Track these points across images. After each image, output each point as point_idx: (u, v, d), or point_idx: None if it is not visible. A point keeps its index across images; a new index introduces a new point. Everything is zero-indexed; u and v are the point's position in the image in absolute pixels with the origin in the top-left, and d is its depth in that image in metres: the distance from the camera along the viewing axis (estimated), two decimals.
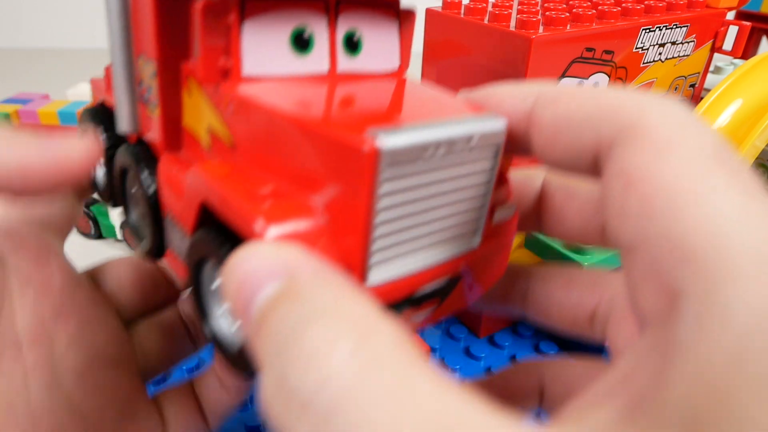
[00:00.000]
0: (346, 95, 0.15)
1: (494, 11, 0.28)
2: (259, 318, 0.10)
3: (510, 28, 0.27)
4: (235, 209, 0.13)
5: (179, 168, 0.16)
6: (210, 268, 0.15)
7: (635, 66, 0.31)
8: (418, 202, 0.13)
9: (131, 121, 0.18)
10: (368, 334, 0.09)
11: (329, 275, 0.10)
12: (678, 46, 0.32)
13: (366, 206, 0.12)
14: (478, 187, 0.14)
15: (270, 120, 0.13)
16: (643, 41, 0.30)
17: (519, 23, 0.27)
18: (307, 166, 0.13)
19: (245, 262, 0.11)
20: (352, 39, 0.16)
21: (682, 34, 0.32)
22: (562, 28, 0.27)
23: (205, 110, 0.15)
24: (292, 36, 0.15)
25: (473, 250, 0.15)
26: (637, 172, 0.10)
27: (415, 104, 0.15)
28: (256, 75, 0.15)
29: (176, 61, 0.16)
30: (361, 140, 0.11)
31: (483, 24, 0.28)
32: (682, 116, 0.11)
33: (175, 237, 0.17)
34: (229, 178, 0.14)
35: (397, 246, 0.13)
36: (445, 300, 0.15)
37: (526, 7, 0.29)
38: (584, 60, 0.28)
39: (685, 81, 0.34)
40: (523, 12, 0.28)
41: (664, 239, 0.10)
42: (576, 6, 0.30)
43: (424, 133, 0.12)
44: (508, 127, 0.13)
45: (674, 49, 0.32)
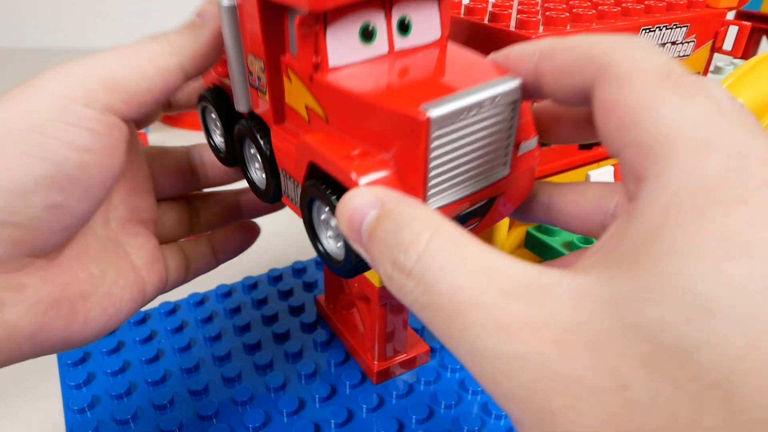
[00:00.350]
0: (402, 68, 0.20)
1: (494, 11, 0.28)
2: (369, 234, 0.16)
3: (510, 28, 0.27)
4: (336, 167, 0.18)
5: (287, 136, 0.22)
6: (318, 206, 0.21)
7: None
8: (459, 150, 0.18)
9: (246, 102, 0.23)
10: (437, 227, 0.15)
11: (405, 199, 0.16)
12: (678, 46, 0.32)
13: (423, 157, 0.17)
14: (503, 131, 0.19)
15: (352, 100, 0.18)
16: None
17: (519, 23, 0.27)
18: (380, 131, 0.18)
19: (351, 201, 0.16)
20: (404, 23, 0.21)
21: (682, 34, 0.32)
22: (562, 28, 0.27)
23: (303, 92, 0.21)
24: (360, 31, 0.20)
25: (504, 178, 0.20)
26: (611, 101, 0.14)
27: (453, 71, 0.20)
28: (338, 65, 0.20)
29: (276, 57, 0.21)
30: (417, 112, 0.16)
31: (483, 24, 0.28)
32: (640, 52, 0.15)
33: (288, 186, 0.23)
34: (329, 144, 0.19)
35: (445, 182, 0.18)
36: (485, 216, 0.21)
37: (526, 7, 0.29)
38: None
39: None
40: (523, 12, 0.28)
41: (633, 144, 0.14)
42: (576, 6, 0.30)
43: (460, 101, 0.17)
44: (522, 80, 0.18)
45: (674, 49, 0.32)
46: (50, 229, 0.20)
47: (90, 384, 0.33)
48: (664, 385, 0.11)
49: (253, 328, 0.38)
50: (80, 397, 0.31)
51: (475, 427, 0.30)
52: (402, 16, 0.21)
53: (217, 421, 0.31)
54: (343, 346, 0.36)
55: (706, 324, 0.11)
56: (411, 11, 0.21)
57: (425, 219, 0.15)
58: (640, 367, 0.11)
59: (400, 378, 0.33)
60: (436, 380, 0.33)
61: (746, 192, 0.12)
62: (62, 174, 0.19)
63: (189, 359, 0.34)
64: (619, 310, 0.12)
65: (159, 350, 0.35)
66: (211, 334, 0.36)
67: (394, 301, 0.30)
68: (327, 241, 0.21)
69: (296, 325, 0.38)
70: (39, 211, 0.19)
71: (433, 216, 0.15)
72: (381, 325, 0.31)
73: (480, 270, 0.13)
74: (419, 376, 0.33)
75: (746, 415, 0.10)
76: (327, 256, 0.21)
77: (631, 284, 0.12)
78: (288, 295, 0.41)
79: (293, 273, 0.43)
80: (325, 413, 0.31)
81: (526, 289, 0.13)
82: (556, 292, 0.13)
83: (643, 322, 0.12)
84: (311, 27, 0.19)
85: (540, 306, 0.13)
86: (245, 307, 0.40)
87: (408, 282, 0.14)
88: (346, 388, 0.33)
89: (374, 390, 0.32)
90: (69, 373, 0.33)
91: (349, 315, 0.36)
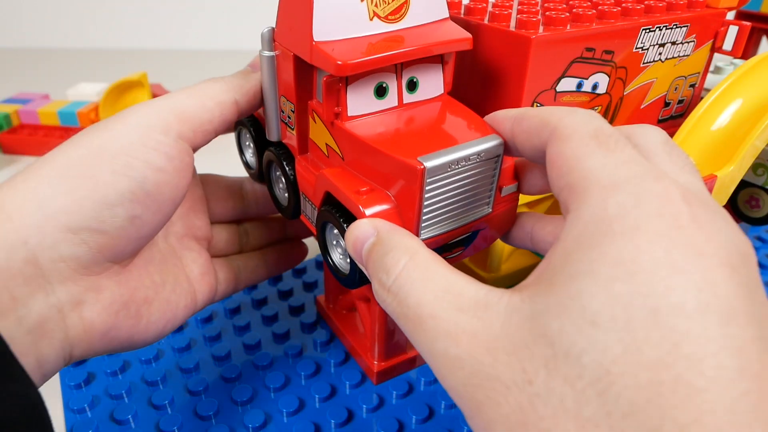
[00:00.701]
0: (408, 119, 0.24)
1: (494, 11, 0.28)
2: (366, 256, 0.20)
3: (510, 28, 0.27)
4: (348, 199, 0.22)
5: (309, 166, 0.27)
6: (330, 228, 0.25)
7: (635, 66, 0.31)
8: (448, 192, 0.22)
9: (277, 134, 0.28)
10: (414, 254, 0.19)
11: (395, 229, 0.20)
12: (678, 46, 0.32)
13: (418, 197, 0.21)
14: (487, 179, 0.23)
15: (365, 146, 0.23)
16: (643, 41, 0.30)
17: (519, 23, 0.27)
18: (385, 173, 0.22)
19: (355, 230, 0.21)
20: (412, 82, 0.25)
21: (682, 34, 0.32)
22: (562, 28, 0.27)
23: (324, 133, 0.25)
24: (375, 89, 0.24)
25: (488, 214, 0.24)
26: (554, 154, 0.18)
27: (449, 126, 0.24)
28: (355, 115, 0.24)
29: (305, 102, 0.26)
30: (416, 162, 0.20)
31: (483, 24, 0.28)
32: (581, 118, 0.18)
33: (306, 208, 0.28)
34: (343, 179, 0.23)
35: (436, 218, 0.22)
36: (469, 246, 0.24)
37: (526, 7, 0.29)
38: (584, 60, 0.28)
39: (685, 81, 0.34)
40: (523, 12, 0.28)
41: (566, 187, 0.17)
42: (576, 6, 0.30)
43: (451, 155, 0.21)
44: (503, 139, 0.22)
45: (674, 49, 0.32)
46: (129, 238, 0.23)
47: (90, 384, 0.33)
48: (558, 381, 0.14)
49: (253, 328, 0.38)
50: (80, 397, 0.31)
51: None
52: (411, 77, 0.25)
53: (217, 421, 0.31)
54: (343, 346, 0.36)
55: (592, 334, 0.14)
56: (419, 73, 0.25)
57: (406, 246, 0.19)
58: (542, 368, 0.14)
59: (400, 378, 0.33)
60: (436, 380, 0.33)
61: (638, 222, 0.15)
62: (142, 190, 0.23)
63: (189, 359, 0.34)
64: (533, 322, 0.15)
65: (159, 350, 0.35)
66: (211, 334, 0.36)
67: None
68: (336, 256, 0.25)
69: (296, 325, 0.38)
70: (122, 221, 0.22)
71: (413, 244, 0.19)
72: (381, 325, 0.31)
73: (441, 289, 0.17)
74: (419, 376, 0.33)
75: (616, 407, 0.13)
76: (335, 268, 0.25)
77: (545, 301, 0.15)
78: (288, 295, 0.41)
79: (293, 273, 0.43)
80: (325, 413, 0.31)
81: (473, 305, 0.16)
82: (495, 308, 0.16)
83: (548, 332, 0.14)
84: (335, 85, 0.23)
85: (480, 319, 0.16)
86: (245, 307, 0.40)
87: (387, 296, 0.18)
88: (346, 388, 0.33)
89: (374, 390, 0.32)
90: (69, 373, 0.33)
91: (349, 315, 0.36)
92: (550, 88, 0.28)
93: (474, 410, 0.15)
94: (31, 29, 1.17)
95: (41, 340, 0.21)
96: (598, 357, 0.13)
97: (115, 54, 1.11)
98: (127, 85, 0.67)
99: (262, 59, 0.26)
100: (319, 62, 0.22)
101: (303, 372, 0.33)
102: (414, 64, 0.24)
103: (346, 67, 0.21)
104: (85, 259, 0.22)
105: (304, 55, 0.23)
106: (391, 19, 0.24)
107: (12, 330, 0.20)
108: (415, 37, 0.24)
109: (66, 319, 0.22)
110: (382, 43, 0.23)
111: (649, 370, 0.13)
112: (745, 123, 0.32)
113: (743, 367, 0.13)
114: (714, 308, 0.13)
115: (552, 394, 0.14)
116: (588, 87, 0.29)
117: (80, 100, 0.70)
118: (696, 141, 0.33)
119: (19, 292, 0.20)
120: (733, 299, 0.13)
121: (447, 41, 0.24)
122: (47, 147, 0.66)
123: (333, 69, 0.22)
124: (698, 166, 0.32)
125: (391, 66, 0.24)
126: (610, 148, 0.17)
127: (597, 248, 0.15)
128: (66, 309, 0.22)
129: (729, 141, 0.32)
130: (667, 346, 0.13)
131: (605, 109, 0.31)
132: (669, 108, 0.35)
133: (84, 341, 0.23)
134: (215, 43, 1.14)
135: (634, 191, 0.15)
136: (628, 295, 0.14)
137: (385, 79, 0.24)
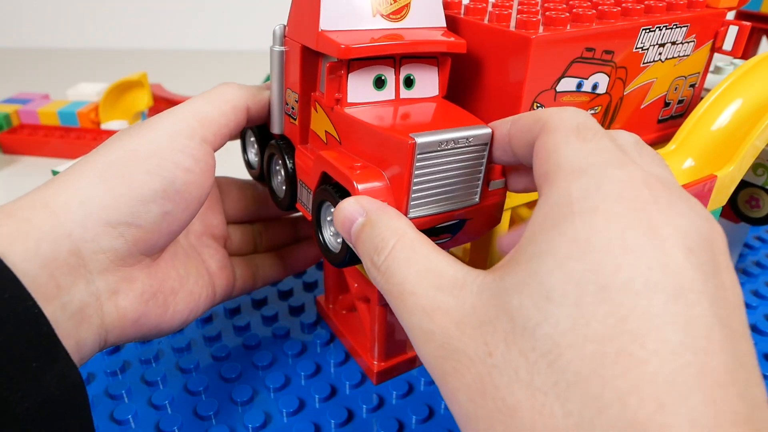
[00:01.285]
0: (403, 112, 0.26)
1: (494, 11, 0.28)
2: (355, 237, 0.21)
3: (510, 28, 0.27)
4: (342, 175, 0.23)
5: (307, 155, 0.28)
6: (326, 206, 0.26)
7: (635, 66, 0.31)
8: (437, 173, 0.22)
9: (280, 126, 0.29)
10: (402, 235, 0.20)
11: (384, 208, 0.21)
12: (678, 46, 0.32)
13: (408, 172, 0.22)
14: (475, 166, 0.23)
15: (362, 127, 0.24)
16: (643, 41, 0.30)
17: (519, 23, 0.27)
18: (379, 152, 0.23)
19: (343, 209, 0.22)
20: (409, 79, 0.26)
21: (682, 34, 0.32)
22: (562, 28, 0.27)
23: (324, 120, 0.26)
24: (374, 80, 0.25)
25: (474, 205, 0.24)
26: (540, 146, 0.19)
27: (442, 117, 0.26)
28: (354, 102, 0.25)
29: (308, 93, 0.27)
30: (407, 138, 0.21)
31: (483, 24, 0.28)
32: (567, 114, 0.19)
33: (302, 194, 0.29)
34: (339, 159, 0.24)
35: (425, 198, 0.23)
36: (456, 234, 0.25)
37: (526, 7, 0.29)
38: (584, 60, 0.28)
39: (685, 81, 0.34)
40: (523, 12, 0.28)
41: (542, 174, 0.18)
42: (576, 6, 0.30)
43: (441, 135, 0.22)
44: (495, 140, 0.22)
45: (674, 49, 0.32)
46: (161, 232, 0.25)
47: (90, 384, 0.33)
48: (514, 353, 0.15)
49: (253, 328, 0.38)
50: None
51: None
52: (408, 74, 0.26)
53: (217, 421, 0.31)
54: (343, 346, 0.36)
55: (547, 308, 0.15)
56: (415, 71, 0.26)
57: (395, 228, 0.20)
58: (502, 341, 0.15)
59: (400, 378, 0.33)
60: None
61: (597, 204, 0.15)
62: (173, 188, 0.25)
63: (189, 359, 0.34)
64: (498, 299, 0.16)
65: (159, 350, 0.35)
66: (211, 334, 0.36)
67: None
68: (329, 236, 0.26)
69: (296, 325, 0.38)
70: (155, 217, 0.25)
71: (401, 224, 0.20)
72: (381, 325, 0.31)
73: (423, 269, 0.18)
74: (419, 376, 0.33)
75: (563, 377, 0.14)
76: (326, 248, 0.26)
77: (510, 279, 0.16)
78: (288, 295, 0.41)
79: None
80: (325, 413, 0.31)
81: (451, 284, 0.18)
82: (469, 287, 0.17)
83: (509, 308, 0.16)
84: (337, 71, 0.24)
85: (455, 297, 0.17)
86: (245, 307, 0.40)
87: (377, 275, 0.20)
88: (346, 388, 0.33)
89: (374, 390, 0.32)
90: None
91: (349, 315, 0.36)
92: (550, 88, 0.28)
93: (442, 380, 0.17)
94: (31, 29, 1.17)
95: (81, 325, 0.23)
96: (550, 331, 0.14)
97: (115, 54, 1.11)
98: (127, 85, 0.67)
99: (272, 54, 0.27)
100: (324, 47, 0.24)
101: (303, 372, 0.33)
102: (412, 62, 0.26)
103: (348, 51, 0.23)
104: (121, 252, 0.24)
105: (310, 43, 0.25)
106: (392, 18, 0.26)
107: (57, 315, 0.22)
108: (414, 35, 0.25)
109: (103, 307, 0.24)
110: (382, 36, 0.25)
111: (594, 342, 0.14)
112: (745, 123, 0.32)
113: (687, 342, 0.13)
114: (662, 287, 0.14)
115: (508, 365, 0.15)
116: (588, 87, 0.29)
117: (80, 100, 0.70)
118: (696, 141, 0.33)
119: (64, 280, 0.22)
120: (684, 279, 0.14)
121: (443, 41, 0.26)
122: (47, 147, 0.66)
123: (336, 52, 0.23)
124: (698, 166, 0.32)
125: (389, 60, 0.25)
126: (587, 138, 0.18)
127: (557, 228, 0.16)
128: (103, 297, 0.24)
129: (729, 141, 0.32)
130: (612, 320, 0.14)
131: (605, 109, 0.31)
132: (669, 108, 0.35)
133: (118, 327, 0.25)
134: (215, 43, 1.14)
135: (598, 175, 0.16)
136: (581, 272, 0.14)
137: (384, 72, 0.25)
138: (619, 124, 0.32)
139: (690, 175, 0.32)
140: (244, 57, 1.08)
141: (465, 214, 0.25)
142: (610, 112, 0.31)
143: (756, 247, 0.47)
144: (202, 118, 0.26)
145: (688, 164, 0.32)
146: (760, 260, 0.46)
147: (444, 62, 0.27)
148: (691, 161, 0.32)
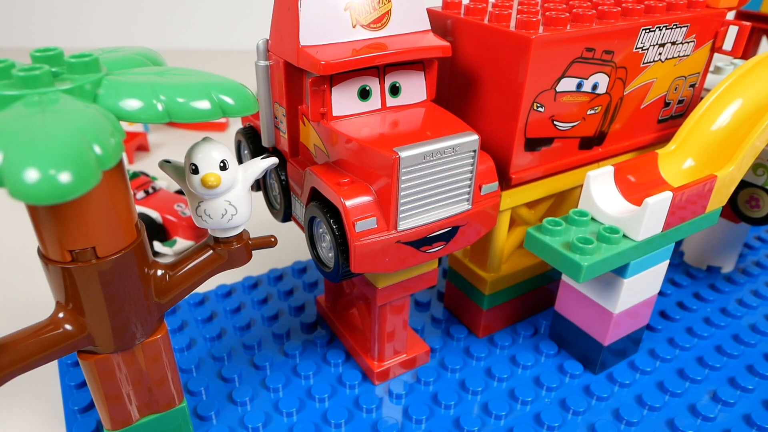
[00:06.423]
0: (390, 122, 0.25)
1: (494, 11, 0.28)
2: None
3: (510, 28, 0.27)
4: (329, 191, 0.24)
5: (299, 167, 0.28)
6: (317, 222, 0.26)
7: (635, 66, 0.31)
8: (424, 184, 0.23)
9: (271, 139, 0.30)
10: None
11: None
12: (678, 46, 0.32)
13: (395, 187, 0.22)
14: (464, 174, 0.24)
15: (348, 142, 0.24)
16: (643, 41, 0.30)
17: (519, 23, 0.27)
18: (366, 166, 0.23)
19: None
20: (395, 86, 0.26)
21: (682, 34, 0.32)
22: (562, 28, 0.27)
23: (312, 134, 0.27)
24: (359, 91, 0.25)
25: (467, 211, 0.25)
26: None
27: (429, 125, 0.25)
28: (340, 115, 0.25)
29: (295, 106, 0.27)
30: (391, 153, 0.22)
31: (483, 24, 0.28)
32: None
33: (296, 207, 0.29)
34: (327, 174, 0.25)
35: (414, 210, 0.23)
36: (450, 241, 0.25)
37: (526, 7, 0.29)
38: (584, 60, 0.28)
39: (685, 81, 0.34)
40: (523, 12, 0.28)
41: None
42: (576, 6, 0.30)
43: (425, 147, 0.22)
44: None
45: (674, 49, 0.32)
46: None
47: None
48: None
49: (253, 328, 0.38)
50: (80, 397, 0.31)
51: (475, 427, 0.30)
52: (393, 82, 0.26)
53: (217, 421, 0.31)
54: (343, 346, 0.36)
55: None
56: (401, 78, 0.26)
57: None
58: None
59: (400, 378, 0.33)
60: (436, 380, 0.33)
61: None
62: None
63: (189, 359, 0.34)
64: None
65: None
66: (211, 334, 0.36)
67: (394, 301, 0.30)
68: (322, 250, 0.26)
69: (296, 325, 0.38)
70: None
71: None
72: (381, 325, 0.31)
73: None
74: (419, 376, 0.33)
75: None
76: (320, 262, 0.26)
77: None
78: (288, 295, 0.41)
79: (293, 273, 0.43)
80: (325, 413, 0.31)
81: None
82: None
83: None
84: (320, 85, 0.24)
85: None
86: (245, 307, 0.40)
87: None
88: (346, 388, 0.33)
89: (374, 390, 0.32)
90: (69, 373, 0.33)
91: (349, 315, 0.36)
92: (550, 88, 0.28)
93: None
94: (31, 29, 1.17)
95: None
96: None
97: None
98: None
99: (258, 69, 0.27)
100: (305, 64, 0.24)
101: (303, 372, 0.33)
102: (396, 69, 0.26)
103: (328, 66, 0.23)
104: None
105: (292, 59, 0.25)
106: (373, 27, 0.25)
107: None
108: (396, 43, 0.25)
109: None
110: (363, 47, 0.24)
111: None
112: (745, 123, 0.32)
113: None
114: None
115: None
116: (588, 87, 0.29)
117: None
118: (696, 141, 0.33)
119: None
120: None
121: (425, 47, 0.25)
122: None
123: (317, 69, 0.23)
124: (698, 166, 0.32)
125: (373, 70, 0.25)
126: None
127: None
128: None
129: (729, 141, 0.32)
130: None
131: (605, 109, 0.31)
132: (669, 108, 0.35)
133: None
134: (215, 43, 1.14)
135: None
136: None
137: (368, 82, 0.25)
138: (619, 124, 0.32)
139: (690, 175, 0.32)
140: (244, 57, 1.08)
141: (457, 221, 0.25)
142: (610, 112, 0.31)
143: (756, 247, 0.47)
144: None
145: (688, 164, 0.32)
146: (760, 260, 0.45)
147: (430, 65, 0.27)
148: (691, 161, 0.32)
